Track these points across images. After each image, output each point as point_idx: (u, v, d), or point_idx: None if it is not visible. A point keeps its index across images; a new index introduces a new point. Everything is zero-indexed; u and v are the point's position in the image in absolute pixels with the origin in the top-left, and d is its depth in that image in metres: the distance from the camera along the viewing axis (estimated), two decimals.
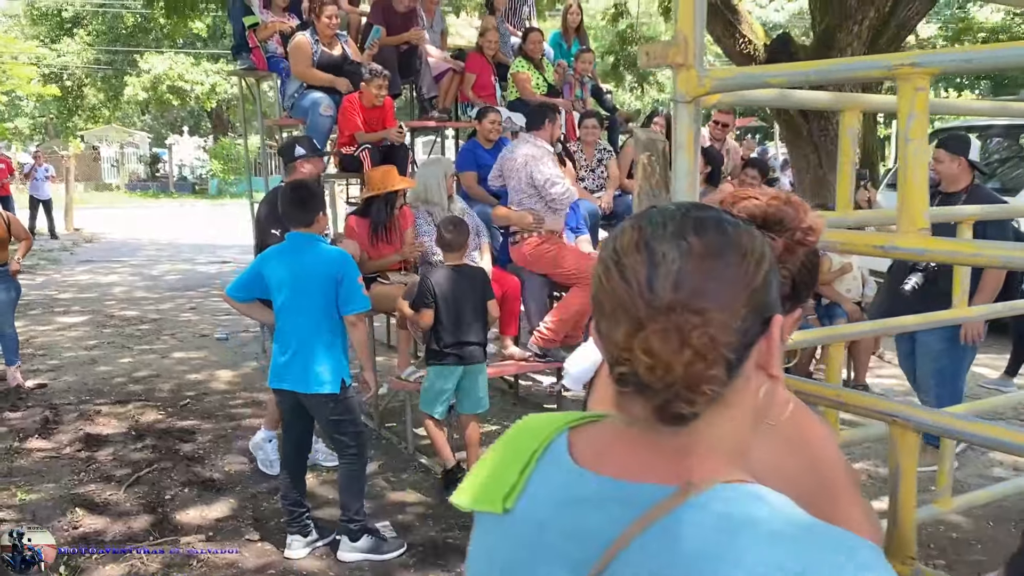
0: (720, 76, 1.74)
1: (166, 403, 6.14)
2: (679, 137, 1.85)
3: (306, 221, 3.76)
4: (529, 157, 5.10)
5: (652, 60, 1.87)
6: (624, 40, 14.82)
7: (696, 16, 1.79)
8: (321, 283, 3.67)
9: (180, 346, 7.98)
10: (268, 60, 6.66)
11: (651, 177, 2.03)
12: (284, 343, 3.75)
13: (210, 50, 30.47)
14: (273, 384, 3.85)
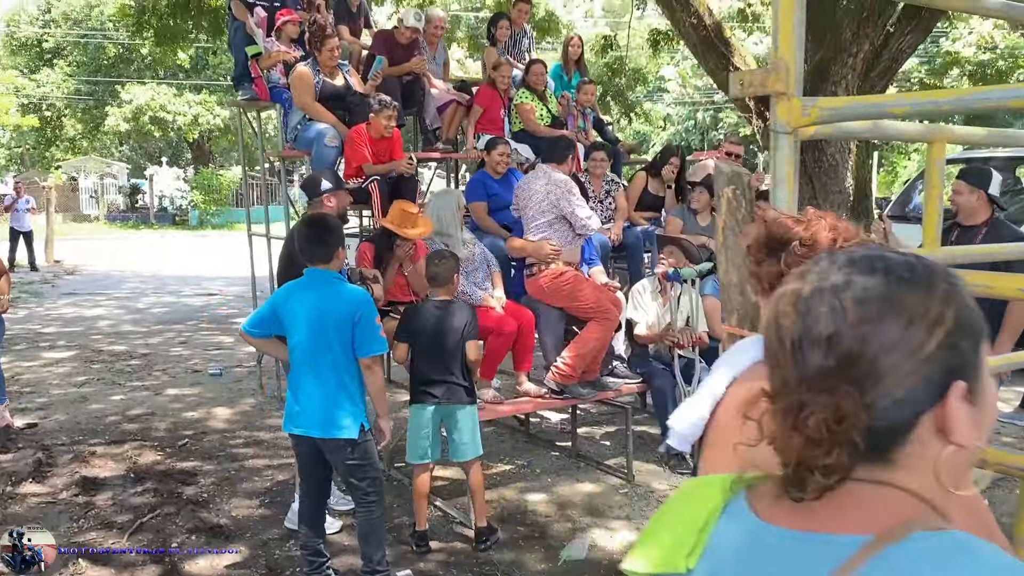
0: (830, 106, 1.64)
1: (164, 443, 5.91)
2: (779, 170, 1.74)
3: (325, 257, 3.61)
4: (556, 187, 5.01)
5: (747, 89, 1.76)
6: (612, 72, 14.86)
7: (796, 43, 1.69)
8: (338, 324, 3.51)
9: (173, 382, 7.75)
10: (271, 90, 6.53)
11: (736, 212, 1.91)
12: (299, 385, 3.59)
13: (193, 81, 30.35)
14: (288, 428, 3.66)
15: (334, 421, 3.51)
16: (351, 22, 7.26)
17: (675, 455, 5.34)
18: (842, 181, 9.34)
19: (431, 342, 4.17)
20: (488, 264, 5.34)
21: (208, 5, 11.40)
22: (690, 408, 1.47)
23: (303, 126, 6.31)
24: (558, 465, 5.44)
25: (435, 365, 4.16)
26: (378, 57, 6.60)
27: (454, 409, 4.16)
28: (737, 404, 1.42)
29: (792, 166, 1.69)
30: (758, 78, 1.71)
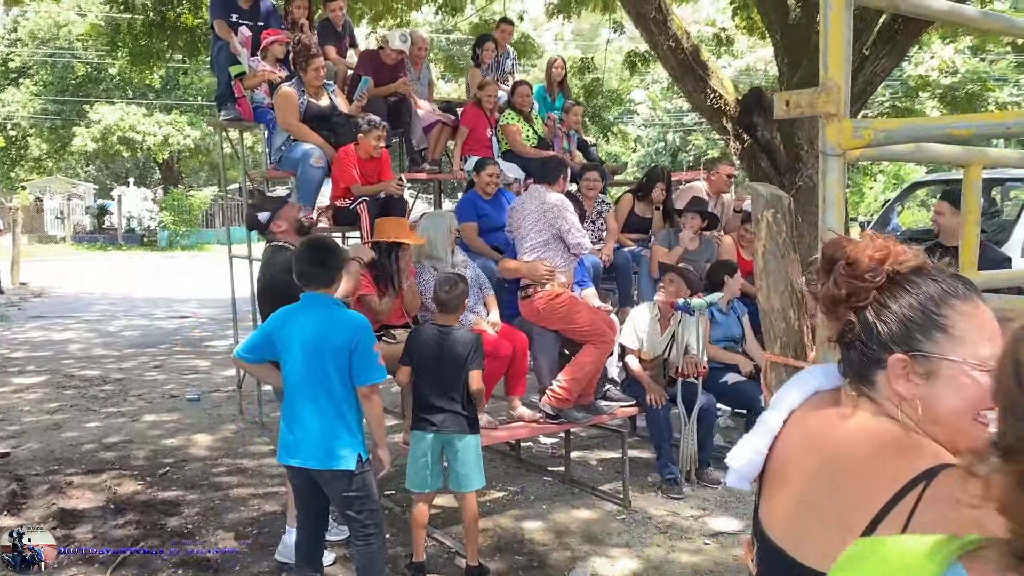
0: (885, 128, 1.59)
1: (143, 472, 5.73)
2: (829, 193, 1.68)
3: (326, 281, 3.50)
4: (551, 207, 4.96)
5: (794, 109, 1.71)
6: (589, 93, 14.93)
7: (845, 63, 1.64)
8: (335, 351, 3.39)
9: (150, 408, 7.54)
10: (255, 110, 6.43)
11: (777, 236, 1.86)
12: (294, 414, 3.46)
13: (163, 100, 30.04)
14: (283, 459, 3.51)
15: (332, 452, 3.39)
16: (336, 42, 7.19)
17: (669, 480, 5.28)
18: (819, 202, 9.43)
19: (433, 367, 4.06)
20: (481, 287, 5.27)
21: (184, 24, 11.27)
22: (747, 443, 1.40)
23: (288, 147, 6.21)
24: (552, 491, 5.35)
25: (436, 392, 4.04)
26: (364, 77, 6.53)
27: (453, 438, 4.05)
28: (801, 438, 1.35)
29: (841, 189, 1.64)
30: (805, 99, 1.66)
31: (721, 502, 5.11)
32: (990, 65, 29.15)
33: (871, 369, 1.23)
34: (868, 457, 1.21)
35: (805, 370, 1.41)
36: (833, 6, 1.60)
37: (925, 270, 1.22)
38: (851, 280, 1.23)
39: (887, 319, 1.20)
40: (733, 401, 5.76)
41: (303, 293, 3.54)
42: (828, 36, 1.61)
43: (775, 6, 10.21)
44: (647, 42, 10.65)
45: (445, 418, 4.02)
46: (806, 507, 1.27)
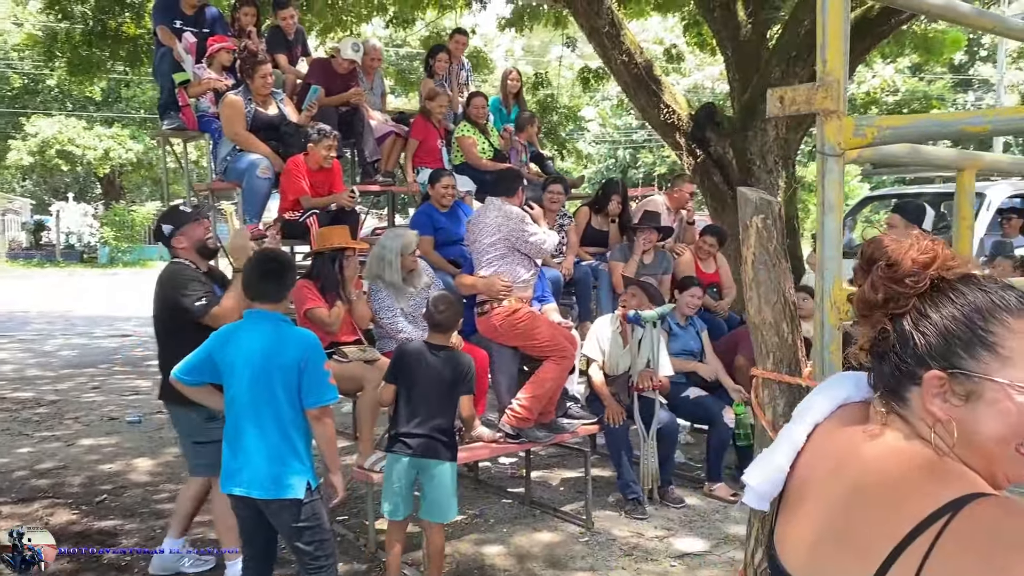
0: (891, 125, 1.47)
1: (79, 500, 5.40)
2: (829, 196, 1.56)
3: (274, 298, 3.28)
4: (508, 219, 4.83)
5: (790, 107, 1.59)
6: (544, 108, 14.89)
7: (844, 58, 1.53)
8: (283, 370, 3.16)
9: (87, 431, 7.18)
10: (200, 119, 6.18)
11: (768, 243, 1.73)
12: (238, 440, 3.22)
13: (104, 113, 29.26)
14: (226, 488, 3.26)
15: (278, 480, 3.15)
16: (287, 50, 6.98)
17: (631, 499, 5.14)
18: None
19: (418, 389, 3.84)
20: None
21: (126, 33, 10.92)
22: (766, 461, 1.25)
23: (233, 157, 5.97)
24: (512, 513, 5.17)
25: (419, 413, 3.82)
26: (313, 86, 6.33)
27: (429, 464, 3.82)
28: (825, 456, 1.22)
29: (841, 190, 1.52)
30: (802, 95, 1.54)
31: (685, 521, 4.99)
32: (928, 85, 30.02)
33: (904, 384, 1.10)
34: (894, 483, 1.08)
35: (834, 377, 1.27)
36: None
37: (974, 279, 1.10)
38: (890, 284, 1.10)
39: (926, 330, 1.07)
40: (694, 416, 5.66)
41: (248, 310, 3.33)
42: (827, 28, 1.50)
43: (726, 22, 10.29)
44: (600, 57, 10.64)
45: (423, 442, 3.80)
46: (825, 535, 1.13)
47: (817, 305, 1.60)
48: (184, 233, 4.13)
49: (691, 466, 6.07)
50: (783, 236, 1.75)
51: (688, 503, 5.27)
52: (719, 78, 36.26)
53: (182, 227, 4.15)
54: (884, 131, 1.46)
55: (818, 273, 1.60)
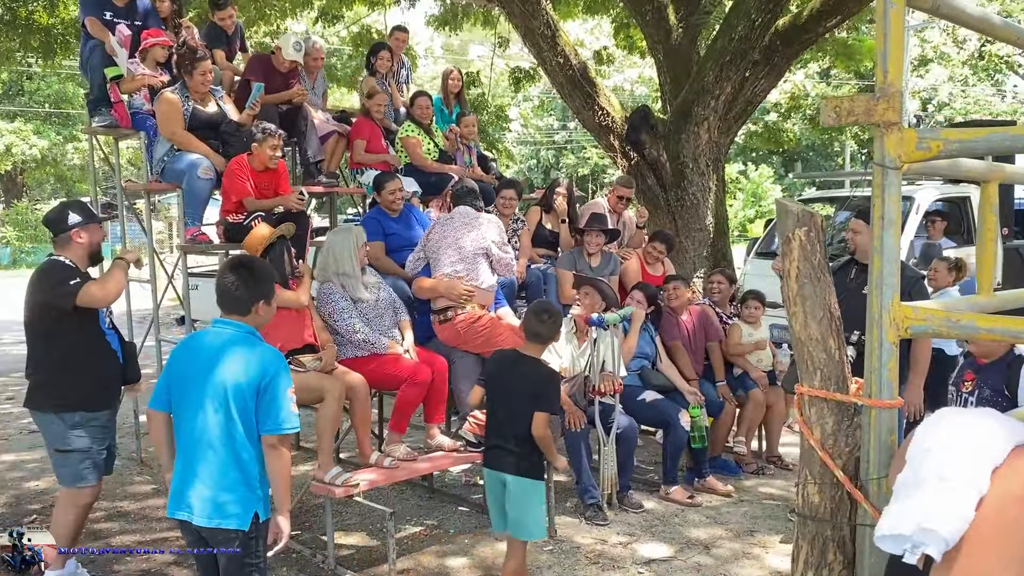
0: (959, 138, 1.44)
1: (5, 521, 5.06)
2: (888, 210, 1.53)
3: (239, 309, 3.04)
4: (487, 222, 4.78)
5: (847, 117, 1.55)
6: (475, 108, 14.76)
7: (903, 69, 1.49)
8: (239, 389, 2.89)
9: (6, 446, 6.77)
10: (133, 116, 5.86)
11: (812, 257, 1.69)
12: (187, 462, 2.95)
13: (6, 107, 27.78)
14: (171, 512, 2.99)
15: (220, 508, 2.90)
16: (225, 46, 6.69)
17: (591, 505, 5.10)
18: (703, 219, 9.60)
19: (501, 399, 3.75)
20: (395, 310, 4.95)
21: (38, 23, 10.35)
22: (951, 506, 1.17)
23: (171, 157, 5.69)
24: (472, 523, 5.06)
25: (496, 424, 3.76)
26: (256, 84, 6.07)
27: (505, 477, 3.67)
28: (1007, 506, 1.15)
29: (899, 204, 1.48)
30: (861, 106, 1.50)
31: (646, 526, 4.98)
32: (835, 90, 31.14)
33: None
34: None
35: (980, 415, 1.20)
36: (895, 5, 1.45)
37: None
38: None
39: None
40: (649, 419, 5.66)
41: (214, 318, 3.10)
42: (888, 38, 1.46)
43: (657, 26, 10.41)
44: (535, 58, 10.62)
45: (496, 453, 3.72)
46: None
47: (874, 321, 1.57)
48: (88, 230, 3.96)
49: (643, 469, 6.08)
50: (825, 249, 1.71)
51: (646, 507, 5.27)
52: (638, 80, 36.87)
53: (88, 224, 3.99)
54: (951, 144, 1.43)
55: (876, 289, 1.56)
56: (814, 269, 1.68)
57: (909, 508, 1.22)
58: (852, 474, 1.82)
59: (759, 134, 16.96)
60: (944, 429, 1.28)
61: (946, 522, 1.16)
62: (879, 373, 1.57)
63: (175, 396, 3.03)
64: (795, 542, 1.97)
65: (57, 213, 4.10)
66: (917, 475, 1.25)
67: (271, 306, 3.15)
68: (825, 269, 1.70)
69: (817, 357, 1.68)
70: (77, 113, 27.65)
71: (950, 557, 1.16)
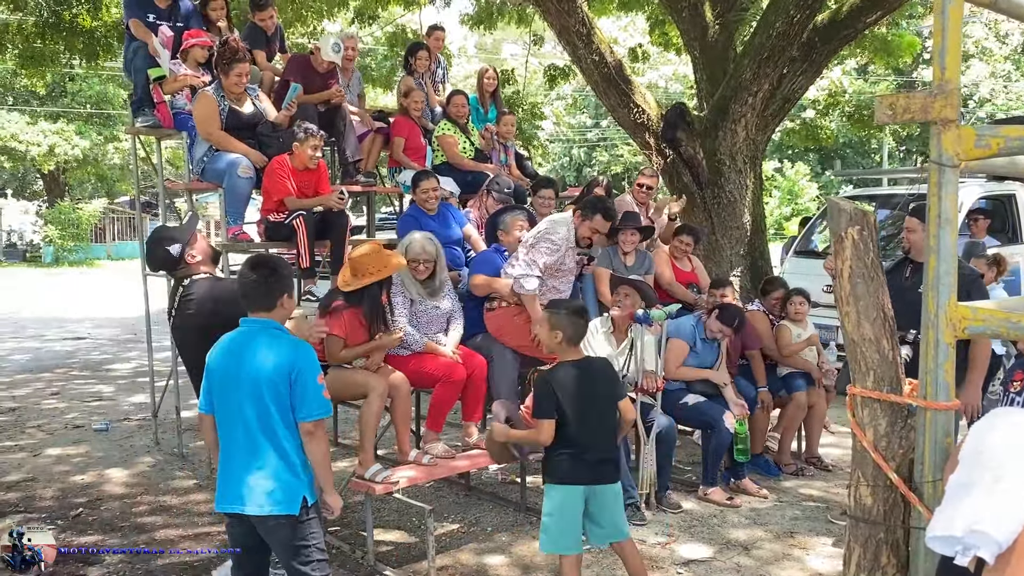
0: (1020, 136, 1.41)
1: (54, 514, 5.16)
2: (945, 208, 1.50)
3: (266, 304, 3.12)
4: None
5: (903, 115, 1.53)
6: (510, 106, 14.77)
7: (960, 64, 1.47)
8: (271, 382, 3.00)
9: (52, 440, 6.89)
10: (175, 117, 5.95)
11: (865, 256, 1.67)
12: (230, 455, 3.08)
13: (49, 108, 28.31)
14: (219, 507, 3.11)
15: (271, 495, 3.00)
16: (265, 46, 6.77)
17: (628, 505, 5.07)
18: (739, 217, 9.52)
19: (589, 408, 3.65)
20: (451, 319, 4.97)
21: (81, 26, 10.53)
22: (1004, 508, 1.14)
23: (212, 155, 5.76)
24: (509, 521, 5.07)
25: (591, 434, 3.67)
26: (293, 84, 6.13)
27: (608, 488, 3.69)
28: None
29: (956, 203, 1.46)
30: (917, 103, 1.48)
31: (685, 527, 4.95)
32: (872, 86, 30.69)
33: None
34: None
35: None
36: (954, 2, 1.42)
37: None
38: None
39: None
40: (692, 421, 5.62)
41: (243, 318, 3.17)
42: (946, 34, 1.44)
43: (693, 23, 10.33)
44: (570, 56, 10.59)
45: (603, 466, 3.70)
46: None
47: (930, 322, 1.54)
48: (194, 245, 3.89)
49: (680, 469, 6.04)
50: (878, 248, 1.69)
51: (684, 507, 5.24)
52: (673, 77, 36.64)
53: (188, 241, 3.90)
54: (1012, 142, 1.41)
55: (932, 289, 1.54)
56: (867, 268, 1.66)
57: (962, 509, 1.20)
58: (906, 476, 1.80)
59: (796, 131, 16.74)
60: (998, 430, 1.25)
61: (999, 524, 1.13)
62: (935, 374, 1.55)
63: (216, 397, 3.12)
64: (847, 545, 1.95)
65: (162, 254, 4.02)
66: (970, 476, 1.23)
67: (293, 299, 3.24)
68: (879, 268, 1.68)
69: (870, 357, 1.66)
70: (117, 113, 28.13)
71: (1003, 560, 1.14)
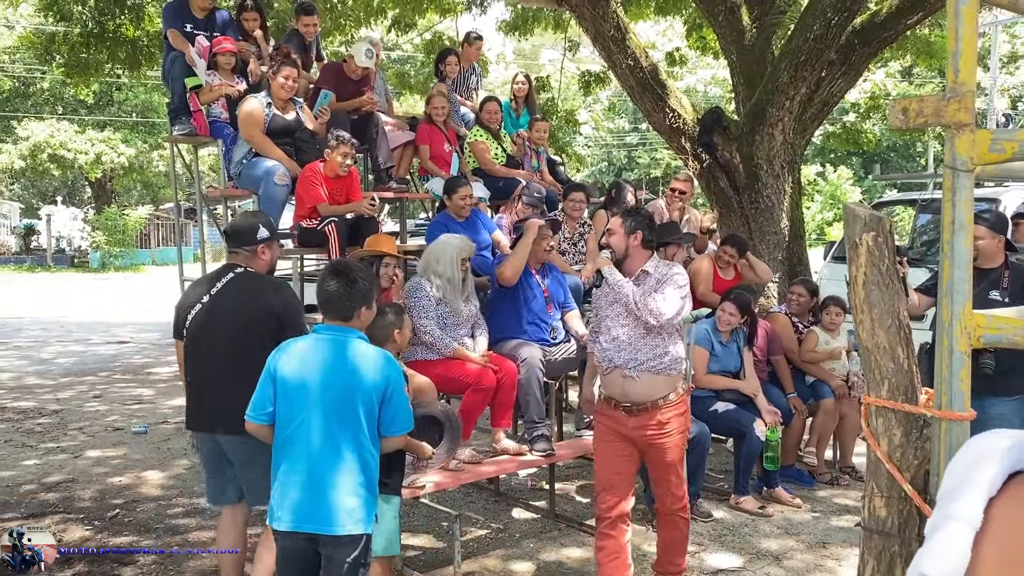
0: None
1: (91, 515, 5.27)
2: (959, 214, 1.47)
3: (345, 314, 3.02)
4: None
5: (915, 119, 1.50)
6: (546, 112, 14.79)
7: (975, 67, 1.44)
8: (365, 395, 2.90)
9: (93, 443, 7.04)
10: (211, 125, 6.05)
11: (880, 263, 1.64)
12: (301, 469, 2.90)
13: (96, 117, 28.99)
14: (281, 524, 2.93)
15: (352, 513, 2.89)
16: (303, 55, 6.85)
17: None
18: (777, 222, 9.39)
19: None
20: (475, 325, 4.97)
21: (125, 36, 10.77)
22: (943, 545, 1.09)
23: (248, 162, 5.84)
24: (537, 527, 5.07)
25: None
26: (324, 92, 6.20)
27: None
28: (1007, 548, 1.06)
29: (972, 208, 1.43)
30: (930, 107, 1.45)
31: (715, 536, 4.90)
32: (917, 88, 30.16)
33: None
34: None
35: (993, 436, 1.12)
36: (967, 2, 1.39)
37: None
38: None
39: None
40: (723, 429, 5.56)
41: (316, 325, 3.09)
42: (960, 37, 1.41)
43: (730, 26, 10.24)
44: (605, 61, 10.56)
45: None
46: None
47: (944, 330, 1.51)
48: (271, 248, 3.92)
49: (712, 477, 5.98)
50: (894, 255, 1.66)
51: (715, 516, 5.18)
52: (711, 81, 36.38)
53: (271, 241, 3.88)
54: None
55: (946, 296, 1.51)
56: (882, 275, 1.63)
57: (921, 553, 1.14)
58: (921, 488, 1.76)
59: (837, 135, 16.51)
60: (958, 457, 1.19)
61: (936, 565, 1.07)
62: (950, 384, 1.51)
63: (284, 406, 2.96)
64: (861, 556, 1.91)
65: (248, 224, 3.96)
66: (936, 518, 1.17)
67: (372, 310, 3.16)
68: (894, 275, 1.64)
69: (885, 366, 1.63)
70: (162, 122, 28.72)
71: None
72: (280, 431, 2.97)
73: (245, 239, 3.84)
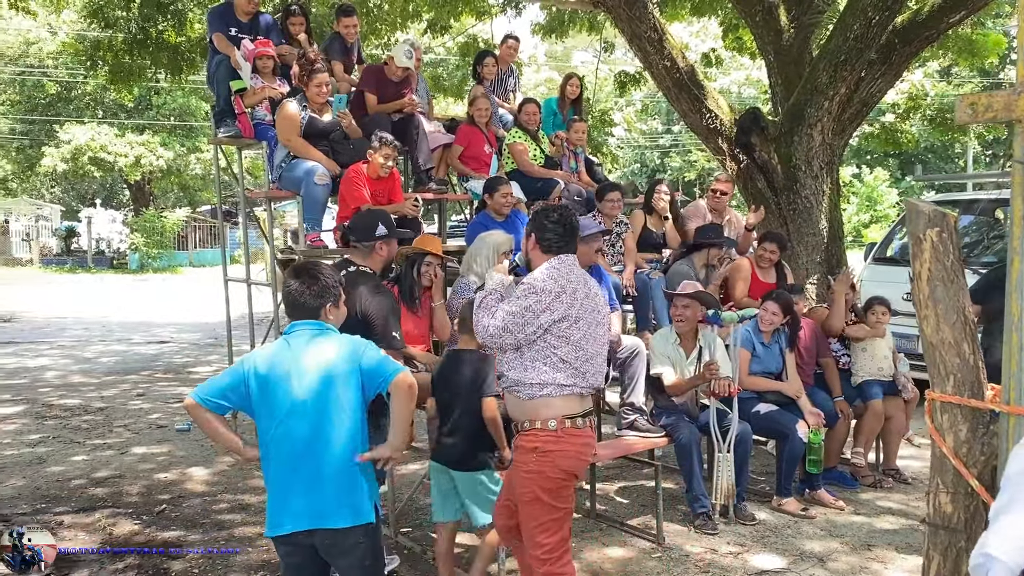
0: None
1: (139, 509, 5.37)
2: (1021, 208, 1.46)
3: (310, 315, 2.96)
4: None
5: (984, 114, 1.49)
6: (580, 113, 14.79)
7: None
8: (343, 374, 2.84)
9: (138, 439, 7.16)
10: (255, 127, 6.15)
11: (944, 258, 1.63)
12: (296, 468, 2.83)
13: (135, 120, 29.48)
14: (280, 530, 2.84)
15: (354, 506, 2.85)
16: (344, 57, 6.93)
17: (701, 514, 5.01)
18: (816, 223, 9.31)
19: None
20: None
21: (167, 41, 10.96)
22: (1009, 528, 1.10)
23: (287, 164, 5.94)
24: (578, 527, 5.07)
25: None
26: (337, 96, 6.26)
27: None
28: None
29: None
30: (1000, 102, 1.45)
31: (758, 537, 4.87)
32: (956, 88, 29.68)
33: None
34: None
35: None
36: None
37: None
38: None
39: None
40: (765, 431, 5.53)
41: (289, 324, 3.01)
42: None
43: (768, 27, 10.17)
44: (642, 62, 10.53)
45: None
46: None
47: (1014, 325, 1.51)
48: (389, 244, 3.96)
49: (753, 479, 5.94)
50: (959, 250, 1.65)
51: (758, 518, 5.15)
52: (746, 82, 36.11)
53: (389, 238, 3.93)
54: None
55: (1016, 291, 1.50)
56: (947, 271, 1.63)
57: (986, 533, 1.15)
58: (988, 483, 1.75)
59: (875, 135, 16.30)
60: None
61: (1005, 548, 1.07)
62: (1019, 378, 1.50)
63: (264, 407, 2.85)
64: (925, 553, 1.90)
65: (367, 221, 3.97)
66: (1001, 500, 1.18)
67: (340, 308, 3.08)
68: (959, 271, 1.64)
69: (950, 362, 1.62)
70: (199, 125, 29.14)
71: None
72: (263, 434, 2.88)
73: (364, 235, 3.91)
